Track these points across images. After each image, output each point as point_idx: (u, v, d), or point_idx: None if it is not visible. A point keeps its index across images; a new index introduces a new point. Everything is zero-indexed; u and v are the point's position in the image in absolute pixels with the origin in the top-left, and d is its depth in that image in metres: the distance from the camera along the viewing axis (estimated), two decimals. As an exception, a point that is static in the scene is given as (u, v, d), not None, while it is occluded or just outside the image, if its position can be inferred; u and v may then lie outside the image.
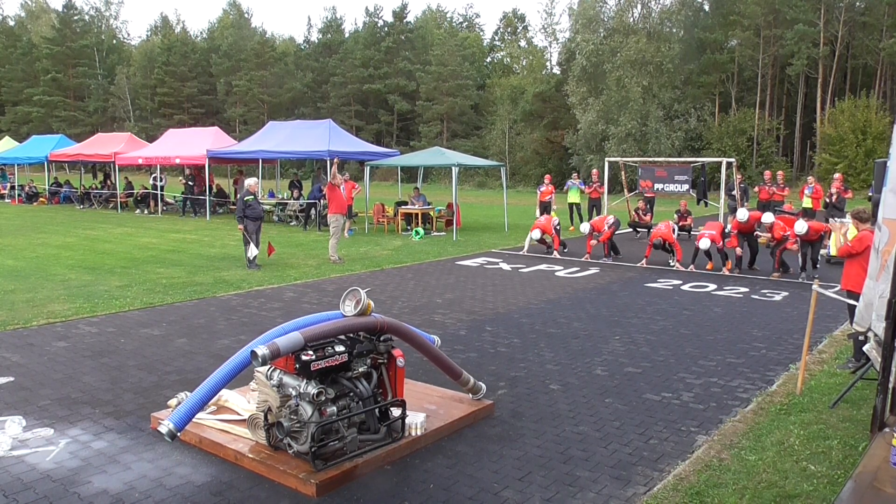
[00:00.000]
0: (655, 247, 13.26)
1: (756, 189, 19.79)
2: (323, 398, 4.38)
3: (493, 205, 30.09)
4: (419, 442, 4.92)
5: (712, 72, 44.49)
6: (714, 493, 4.21)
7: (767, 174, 19.82)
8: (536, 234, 14.85)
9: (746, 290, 11.05)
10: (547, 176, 19.98)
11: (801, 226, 11.48)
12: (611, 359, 7.13)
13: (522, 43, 70.82)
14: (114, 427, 5.25)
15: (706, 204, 20.76)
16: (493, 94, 56.44)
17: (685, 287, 11.30)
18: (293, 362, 4.42)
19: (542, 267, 13.41)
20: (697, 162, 20.13)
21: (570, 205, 20.08)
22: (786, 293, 10.75)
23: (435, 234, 19.14)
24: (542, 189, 19.90)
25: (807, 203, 17.64)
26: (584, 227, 14.53)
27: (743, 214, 12.41)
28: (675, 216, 16.78)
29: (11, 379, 6.35)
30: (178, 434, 4.41)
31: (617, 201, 21.94)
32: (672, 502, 4.10)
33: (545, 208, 19.27)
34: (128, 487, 4.29)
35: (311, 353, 4.43)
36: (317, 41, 72.19)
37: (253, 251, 12.65)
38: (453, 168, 19.76)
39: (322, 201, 19.86)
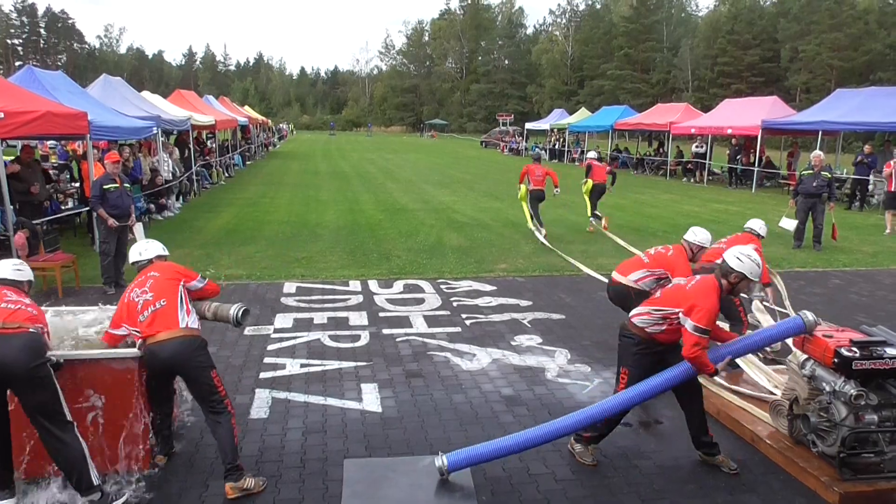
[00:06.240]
0: None
1: None
2: (862, 402, 3.88)
3: None
4: None
5: None
6: None
7: None
8: None
9: None
10: None
11: None
12: None
13: None
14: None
15: None
16: None
17: None
18: (831, 355, 4.00)
19: None
20: None
21: None
22: None
23: None
24: None
25: None
26: None
27: None
28: None
29: (563, 317, 7.42)
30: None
31: None
32: None
33: None
34: (637, 442, 4.62)
35: (855, 349, 3.95)
36: (914, -9, 61.43)
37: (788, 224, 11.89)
38: None
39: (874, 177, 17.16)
